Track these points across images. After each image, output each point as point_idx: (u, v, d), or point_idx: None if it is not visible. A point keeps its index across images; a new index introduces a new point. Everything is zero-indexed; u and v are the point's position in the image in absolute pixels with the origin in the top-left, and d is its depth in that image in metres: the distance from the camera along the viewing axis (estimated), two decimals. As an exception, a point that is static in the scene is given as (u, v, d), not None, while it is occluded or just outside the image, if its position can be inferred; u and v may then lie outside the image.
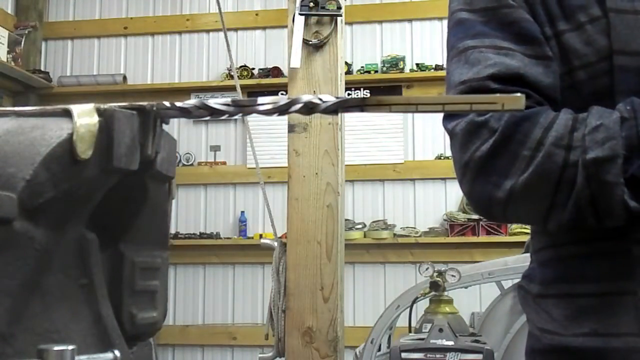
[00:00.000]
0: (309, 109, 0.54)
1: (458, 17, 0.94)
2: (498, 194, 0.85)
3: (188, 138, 5.17)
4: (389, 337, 3.05)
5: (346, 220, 4.70)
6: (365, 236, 4.85)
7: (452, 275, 2.81)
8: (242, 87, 3.54)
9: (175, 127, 5.16)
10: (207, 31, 5.32)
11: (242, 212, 5.06)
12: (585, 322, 0.87)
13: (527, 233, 3.99)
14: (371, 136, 4.96)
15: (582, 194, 0.80)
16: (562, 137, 0.81)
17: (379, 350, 2.93)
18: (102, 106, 0.51)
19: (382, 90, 4.97)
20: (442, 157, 4.87)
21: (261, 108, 0.54)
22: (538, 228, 0.98)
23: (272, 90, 4.94)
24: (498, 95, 0.51)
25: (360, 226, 4.91)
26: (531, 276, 0.97)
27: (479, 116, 0.86)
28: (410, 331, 3.00)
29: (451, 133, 0.90)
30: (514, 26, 0.90)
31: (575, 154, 0.80)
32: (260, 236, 4.68)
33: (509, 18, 0.90)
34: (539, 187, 0.83)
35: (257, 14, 5.29)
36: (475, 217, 4.66)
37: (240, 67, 5.07)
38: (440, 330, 2.49)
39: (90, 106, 0.51)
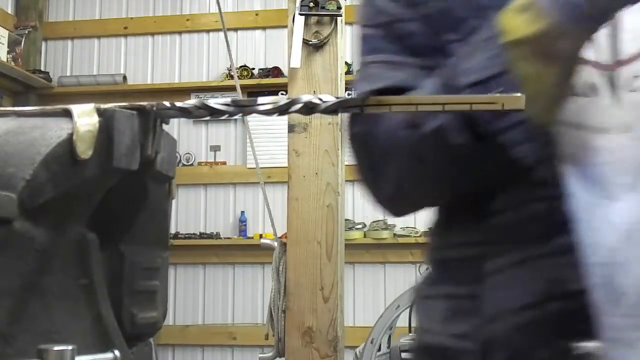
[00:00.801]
0: (309, 109, 0.54)
1: (362, 33, 0.99)
2: (381, 196, 0.92)
3: (188, 138, 5.16)
4: (389, 337, 3.04)
5: (346, 220, 4.70)
6: (365, 236, 4.84)
7: (452, 275, 2.80)
8: (242, 87, 3.53)
9: (175, 127, 5.14)
10: (207, 31, 5.31)
11: (242, 212, 5.06)
12: (436, 322, 0.92)
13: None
14: (371, 136, 4.96)
15: (437, 160, 0.83)
16: (404, 119, 0.85)
17: (379, 350, 2.93)
18: (102, 106, 0.51)
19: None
20: (442, 157, 4.86)
21: (261, 108, 0.54)
22: (437, 218, 1.03)
23: (272, 90, 4.93)
24: (498, 95, 0.52)
25: (360, 226, 4.90)
26: (423, 278, 1.02)
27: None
28: (410, 331, 3.00)
29: None
30: (406, 40, 0.93)
31: (419, 130, 0.83)
32: (260, 236, 4.67)
33: (402, 32, 0.94)
34: (409, 171, 0.87)
35: (257, 14, 5.29)
36: (475, 217, 4.66)
37: (240, 67, 5.06)
38: (440, 330, 2.48)
39: (90, 106, 0.51)
